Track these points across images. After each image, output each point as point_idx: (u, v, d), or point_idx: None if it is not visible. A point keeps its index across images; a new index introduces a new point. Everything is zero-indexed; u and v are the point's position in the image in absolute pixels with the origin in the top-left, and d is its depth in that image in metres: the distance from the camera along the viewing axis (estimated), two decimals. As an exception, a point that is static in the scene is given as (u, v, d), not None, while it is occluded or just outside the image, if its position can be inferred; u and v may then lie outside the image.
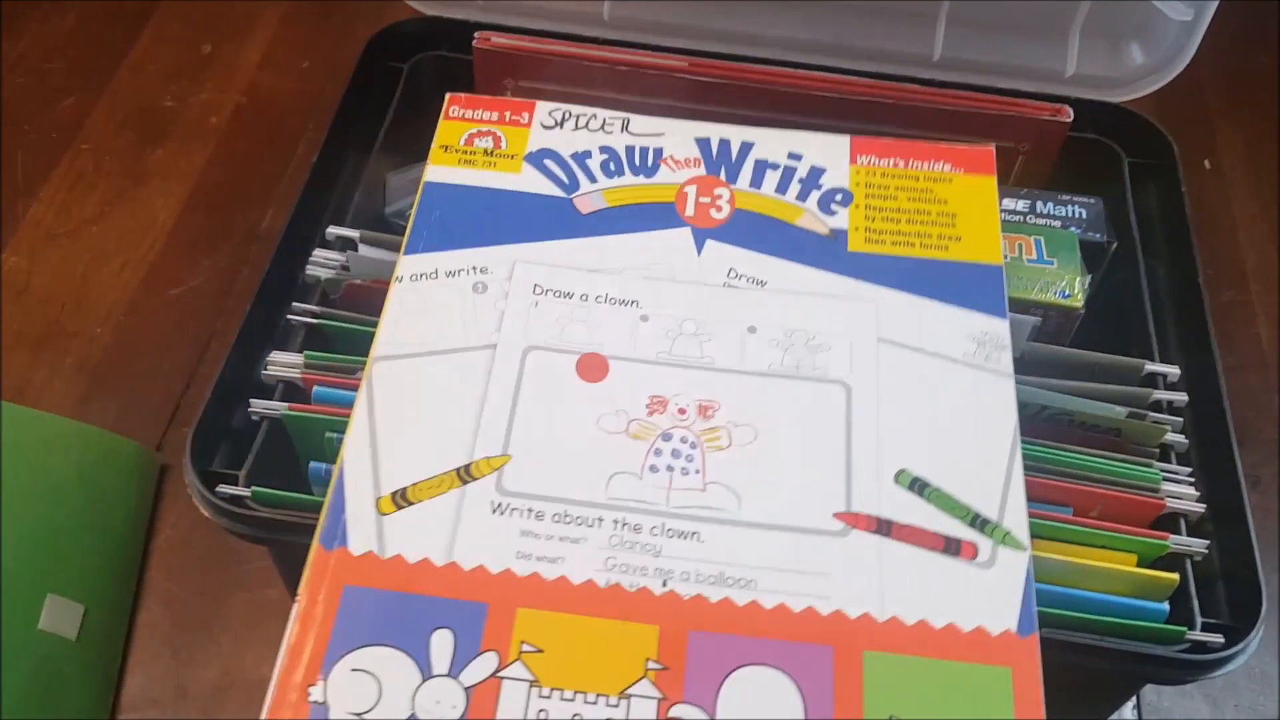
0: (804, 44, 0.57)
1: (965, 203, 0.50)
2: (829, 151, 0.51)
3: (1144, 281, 0.57)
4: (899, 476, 0.42)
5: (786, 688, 0.37)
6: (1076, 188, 0.59)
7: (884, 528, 0.41)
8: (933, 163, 0.51)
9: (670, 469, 0.42)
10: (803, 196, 0.50)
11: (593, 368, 0.44)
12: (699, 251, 0.48)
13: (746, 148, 0.51)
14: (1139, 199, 0.60)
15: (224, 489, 0.46)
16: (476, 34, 0.61)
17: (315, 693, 0.36)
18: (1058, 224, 0.57)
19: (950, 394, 0.44)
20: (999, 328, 0.46)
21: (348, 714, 0.36)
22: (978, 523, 0.41)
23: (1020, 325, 0.52)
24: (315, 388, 0.48)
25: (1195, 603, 0.46)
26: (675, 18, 0.65)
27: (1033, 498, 0.46)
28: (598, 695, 0.37)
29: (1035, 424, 0.50)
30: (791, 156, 0.51)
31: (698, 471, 0.42)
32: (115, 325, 0.76)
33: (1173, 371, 0.52)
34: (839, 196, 0.50)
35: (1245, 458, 0.48)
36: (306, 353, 0.49)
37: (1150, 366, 0.52)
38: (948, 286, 0.47)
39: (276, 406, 0.48)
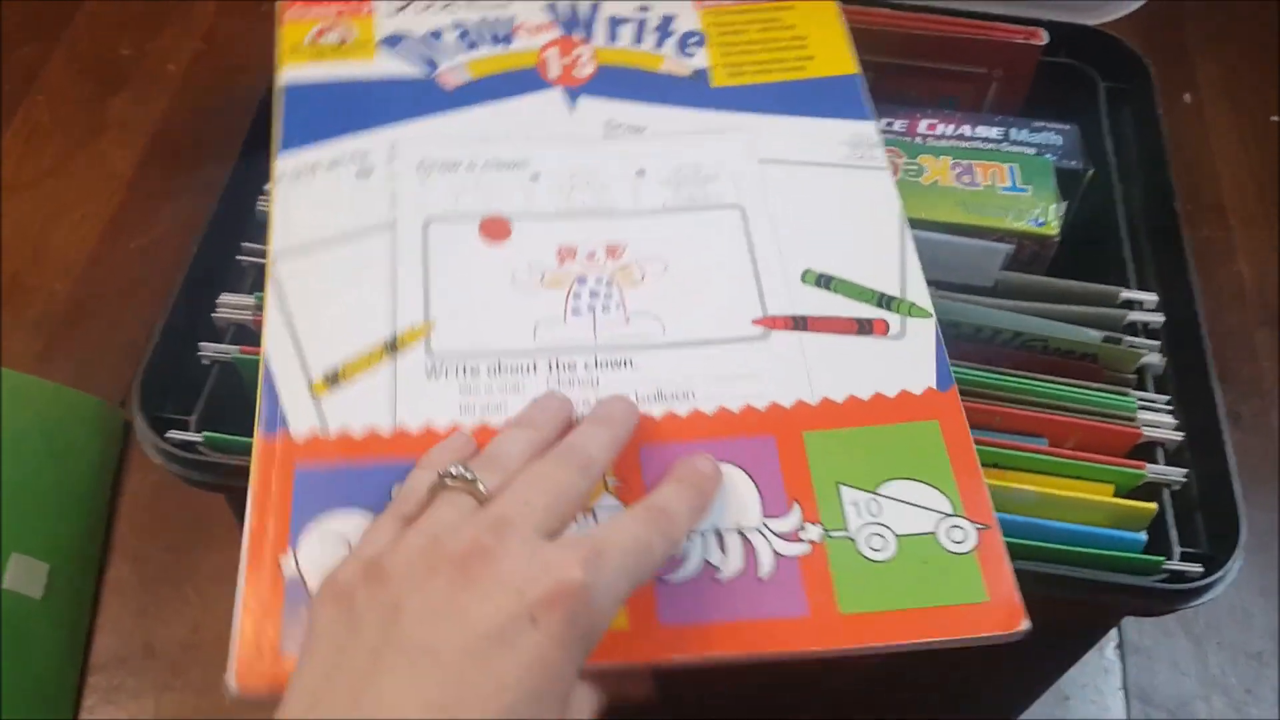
0: (772, -28, 0.56)
1: (810, 25, 0.52)
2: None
3: (1120, 208, 0.55)
4: (805, 276, 0.44)
5: (738, 477, 0.39)
6: (1051, 114, 0.58)
7: (800, 323, 0.43)
8: None
9: (592, 309, 0.43)
10: (659, 44, 0.51)
11: (496, 229, 0.44)
12: (573, 109, 0.49)
13: (595, 6, 0.52)
14: (1115, 124, 0.59)
15: (175, 435, 0.44)
16: (433, -33, 0.59)
17: (287, 564, 0.36)
18: (1032, 151, 0.56)
19: (835, 195, 0.47)
20: (867, 129, 0.49)
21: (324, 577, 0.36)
22: (884, 301, 0.44)
23: (993, 253, 0.51)
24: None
25: (1173, 532, 0.45)
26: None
27: (1007, 429, 0.46)
28: None
29: (1009, 351, 0.49)
30: (641, 9, 0.52)
31: (619, 307, 0.43)
32: (76, 279, 0.74)
33: (1149, 298, 0.50)
34: (694, 39, 0.52)
35: (1225, 395, 0.47)
36: (257, 294, 0.47)
37: (1126, 293, 0.51)
38: (811, 102, 0.50)
39: (228, 350, 0.46)
